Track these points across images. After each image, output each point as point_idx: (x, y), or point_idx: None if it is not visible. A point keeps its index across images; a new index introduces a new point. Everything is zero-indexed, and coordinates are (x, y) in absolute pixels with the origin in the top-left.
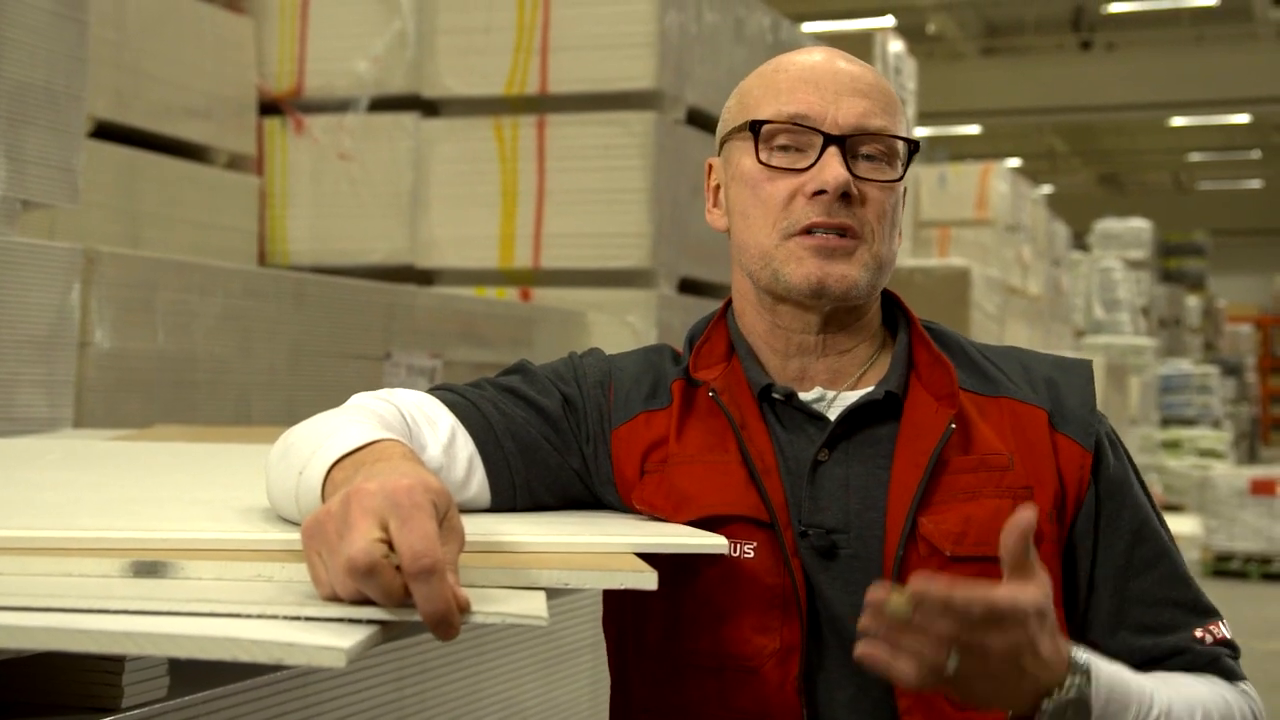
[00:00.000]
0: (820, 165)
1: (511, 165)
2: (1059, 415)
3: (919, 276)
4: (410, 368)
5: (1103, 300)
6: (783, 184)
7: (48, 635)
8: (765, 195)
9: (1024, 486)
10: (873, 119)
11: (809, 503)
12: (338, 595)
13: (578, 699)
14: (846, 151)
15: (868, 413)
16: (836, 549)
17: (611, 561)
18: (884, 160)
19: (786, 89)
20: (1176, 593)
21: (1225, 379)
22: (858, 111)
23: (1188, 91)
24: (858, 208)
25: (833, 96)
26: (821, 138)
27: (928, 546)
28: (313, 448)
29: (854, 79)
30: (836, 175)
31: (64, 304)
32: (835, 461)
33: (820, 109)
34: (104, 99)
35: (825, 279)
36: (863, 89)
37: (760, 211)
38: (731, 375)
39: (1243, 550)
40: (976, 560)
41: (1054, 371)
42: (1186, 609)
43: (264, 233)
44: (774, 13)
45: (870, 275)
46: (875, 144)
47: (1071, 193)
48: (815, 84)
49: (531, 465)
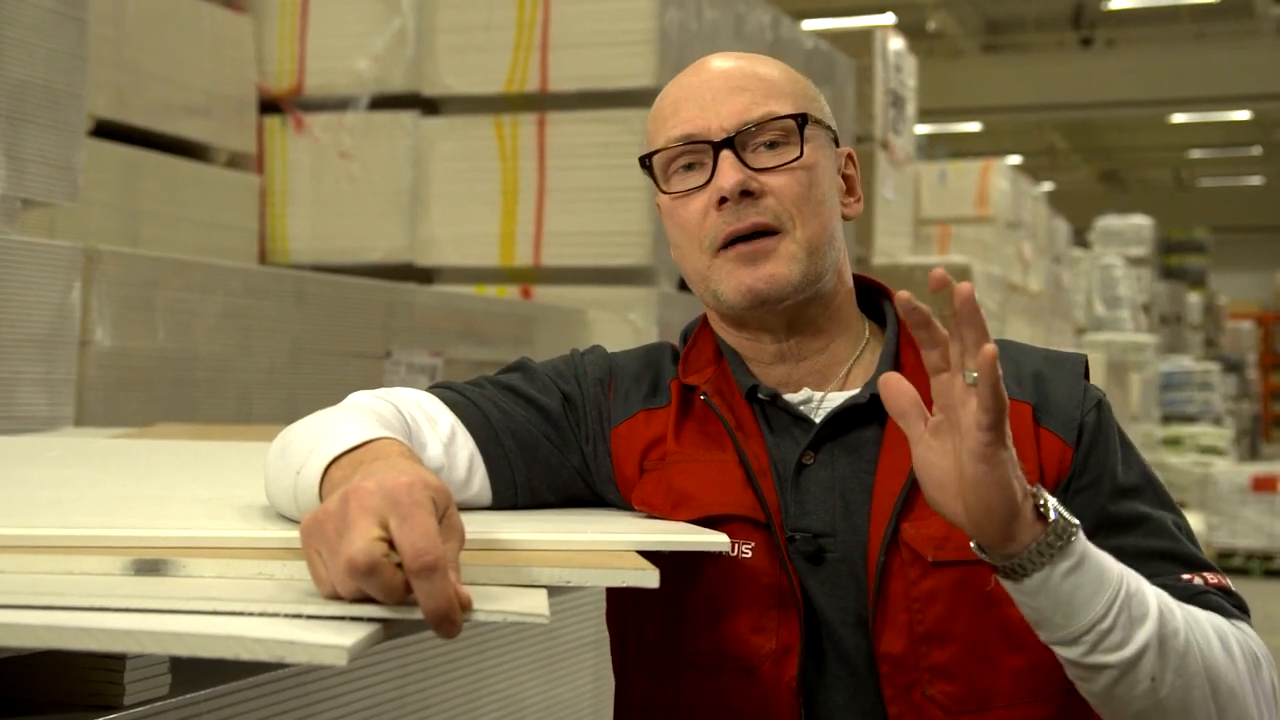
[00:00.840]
0: (716, 174)
1: (512, 163)
2: (1043, 409)
3: (919, 274)
4: (411, 366)
5: (1103, 297)
6: (693, 204)
7: (49, 633)
8: (681, 220)
9: None
10: (754, 110)
11: (795, 507)
12: (339, 594)
13: (579, 697)
14: (739, 149)
15: (853, 415)
16: (824, 553)
17: (613, 559)
18: (783, 144)
19: (670, 114)
20: (1163, 544)
21: (1226, 376)
22: (737, 110)
23: (1188, 88)
24: (768, 200)
25: (711, 105)
26: (710, 147)
27: (910, 553)
28: (310, 446)
29: (728, 77)
30: (730, 179)
31: (64, 302)
32: (820, 465)
33: (703, 121)
34: (104, 97)
35: (755, 284)
36: (738, 83)
37: (683, 238)
38: (722, 378)
39: (1244, 547)
40: (959, 564)
41: (1044, 366)
42: (1177, 561)
43: (264, 231)
44: (774, 9)
45: (802, 265)
46: (767, 132)
47: (1072, 190)
48: (694, 99)
49: (532, 463)
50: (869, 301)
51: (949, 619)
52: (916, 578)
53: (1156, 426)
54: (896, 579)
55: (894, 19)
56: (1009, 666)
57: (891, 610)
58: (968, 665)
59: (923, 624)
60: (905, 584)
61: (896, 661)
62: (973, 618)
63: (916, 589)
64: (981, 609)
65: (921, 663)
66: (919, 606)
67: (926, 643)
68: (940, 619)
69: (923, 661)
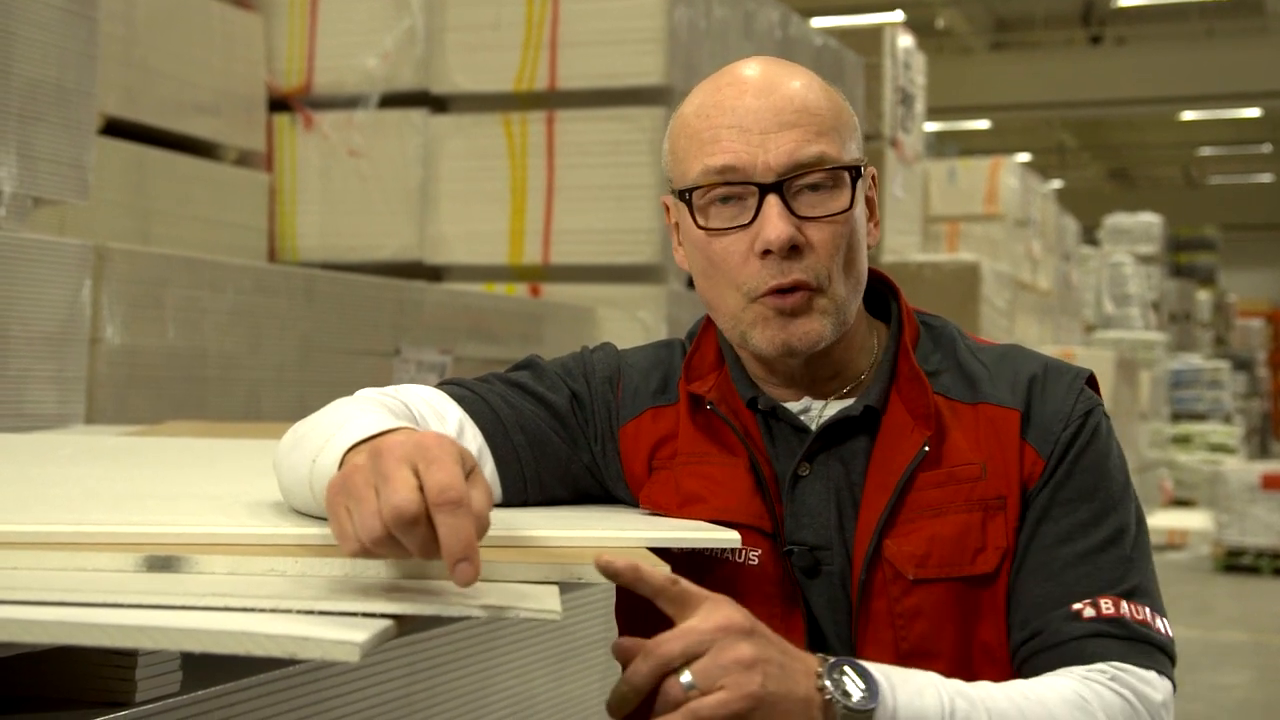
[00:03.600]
0: (761, 219)
1: (521, 161)
2: (1029, 420)
3: (928, 271)
4: (420, 363)
5: (1113, 295)
6: (730, 242)
7: (61, 630)
8: (716, 258)
9: (996, 497)
10: (804, 150)
11: (791, 519)
12: (364, 548)
13: (589, 693)
14: (786, 193)
15: (846, 426)
16: (819, 566)
17: (625, 556)
18: (830, 187)
19: (710, 139)
20: (1081, 571)
21: (1236, 374)
22: (788, 148)
23: (1198, 86)
24: (809, 254)
25: (759, 138)
26: (756, 189)
27: (892, 570)
28: (326, 435)
29: (776, 110)
30: (779, 234)
31: (75, 300)
32: (816, 476)
33: (748, 156)
34: (114, 96)
35: (790, 340)
36: (791, 117)
37: (716, 273)
38: (726, 384)
39: (1254, 545)
40: (940, 582)
41: (1041, 373)
42: (1086, 589)
43: (273, 229)
44: (782, 7)
45: (834, 320)
46: (815, 173)
47: (1081, 187)
48: (739, 127)
49: (542, 458)
50: (879, 299)
51: (933, 636)
52: (899, 594)
53: (1166, 424)
54: (879, 596)
55: (903, 16)
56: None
57: (875, 627)
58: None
59: (907, 640)
60: (888, 600)
61: None
62: (956, 634)
63: (900, 605)
64: (965, 625)
65: None
66: (902, 623)
67: (911, 659)
68: (924, 636)
69: None
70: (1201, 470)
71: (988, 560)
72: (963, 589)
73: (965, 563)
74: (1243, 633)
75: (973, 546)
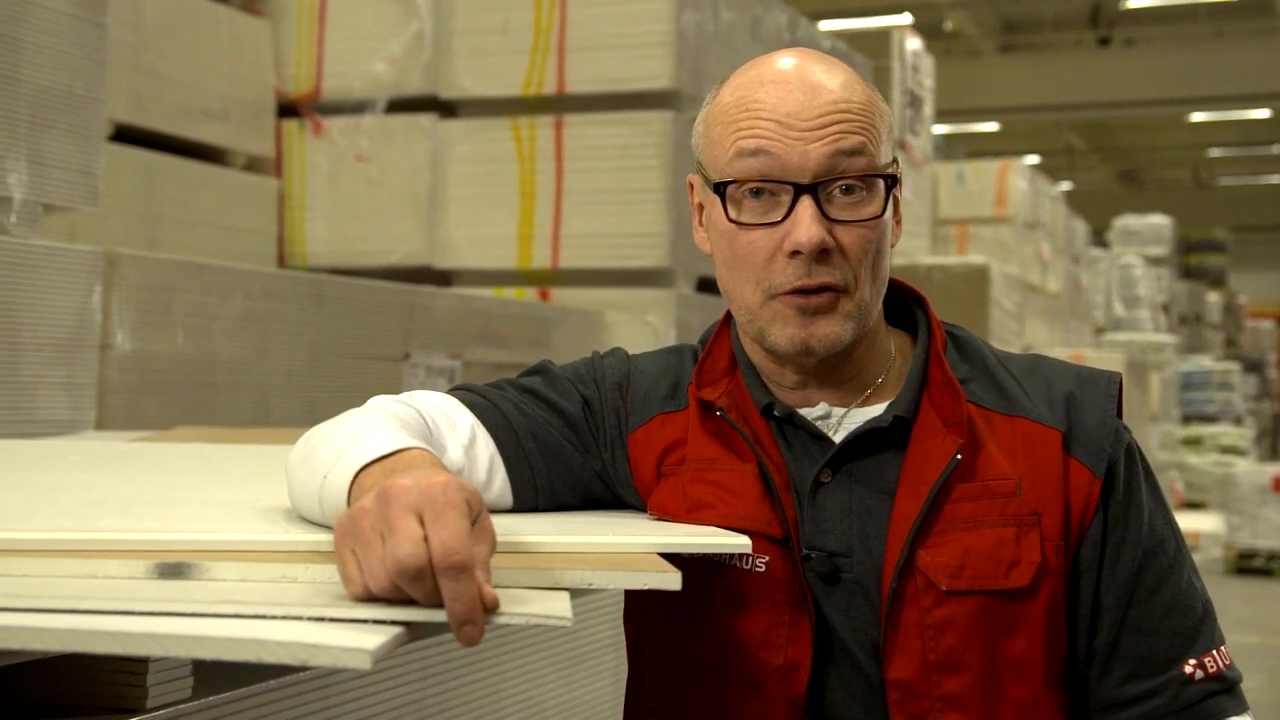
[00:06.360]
0: (793, 220)
1: (529, 165)
2: (1073, 437)
3: (937, 274)
4: (429, 368)
5: (1122, 297)
6: (759, 238)
7: (72, 636)
8: (743, 251)
9: (1031, 513)
10: (846, 154)
11: (810, 525)
12: (370, 593)
13: (599, 698)
14: (819, 194)
15: (874, 437)
16: (839, 573)
17: (635, 562)
18: (863, 190)
19: (748, 129)
20: (1174, 621)
21: (1246, 375)
22: (828, 150)
23: (1207, 87)
24: (837, 258)
25: (798, 135)
26: (791, 188)
27: (924, 580)
28: (337, 452)
29: (822, 110)
30: (811, 236)
31: (85, 306)
32: (838, 484)
33: (786, 153)
34: (123, 102)
35: (809, 339)
36: (833, 118)
37: (741, 266)
38: (737, 391)
39: (1265, 548)
40: (972, 594)
41: (1076, 386)
42: (1185, 638)
43: (282, 234)
44: (791, 11)
45: (855, 323)
46: (850, 177)
47: (1090, 189)
48: (779, 122)
49: (553, 465)
50: (899, 307)
51: (963, 648)
52: (930, 605)
53: (1176, 426)
54: (910, 605)
55: (911, 19)
56: (1014, 697)
57: (904, 637)
58: (979, 695)
59: (935, 652)
60: (919, 611)
61: (907, 688)
62: (986, 647)
63: (930, 616)
64: (994, 639)
65: (934, 691)
66: (932, 634)
67: (939, 671)
68: (953, 648)
69: (935, 690)
70: (1212, 472)
71: (1021, 575)
72: (994, 602)
73: (999, 576)
74: (1255, 635)
75: (1007, 560)
